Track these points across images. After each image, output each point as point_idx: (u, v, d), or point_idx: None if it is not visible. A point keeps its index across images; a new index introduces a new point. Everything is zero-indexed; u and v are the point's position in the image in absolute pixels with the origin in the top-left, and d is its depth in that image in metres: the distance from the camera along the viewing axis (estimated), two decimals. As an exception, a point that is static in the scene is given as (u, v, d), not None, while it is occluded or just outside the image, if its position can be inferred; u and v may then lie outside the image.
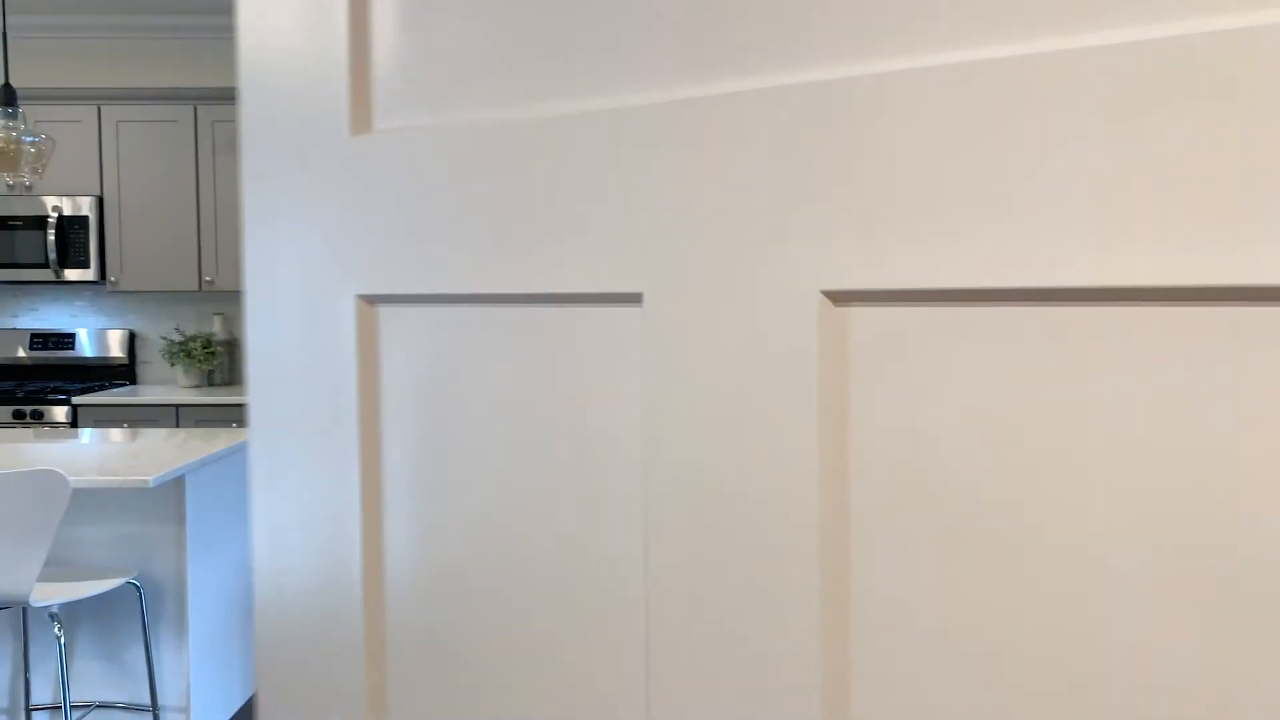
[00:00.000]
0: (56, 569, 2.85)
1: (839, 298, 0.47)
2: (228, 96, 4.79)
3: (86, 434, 3.56)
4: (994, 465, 0.45)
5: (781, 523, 0.49)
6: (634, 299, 0.53)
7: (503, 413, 0.59)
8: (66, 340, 5.12)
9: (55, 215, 4.75)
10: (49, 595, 2.59)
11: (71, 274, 4.79)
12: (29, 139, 2.98)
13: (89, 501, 3.00)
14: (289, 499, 0.65)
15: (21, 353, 5.11)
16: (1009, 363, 0.44)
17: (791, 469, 0.48)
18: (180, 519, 3.01)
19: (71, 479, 2.53)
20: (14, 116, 2.99)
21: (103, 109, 4.82)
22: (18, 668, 3.05)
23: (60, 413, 4.57)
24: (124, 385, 5.05)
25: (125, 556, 3.01)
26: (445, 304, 0.60)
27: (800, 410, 0.48)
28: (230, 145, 4.83)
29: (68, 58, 5.16)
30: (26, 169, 3.01)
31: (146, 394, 4.72)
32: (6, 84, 3.02)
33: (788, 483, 0.48)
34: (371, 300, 0.62)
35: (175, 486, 3.00)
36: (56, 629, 2.58)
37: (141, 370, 5.23)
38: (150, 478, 2.72)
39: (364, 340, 0.63)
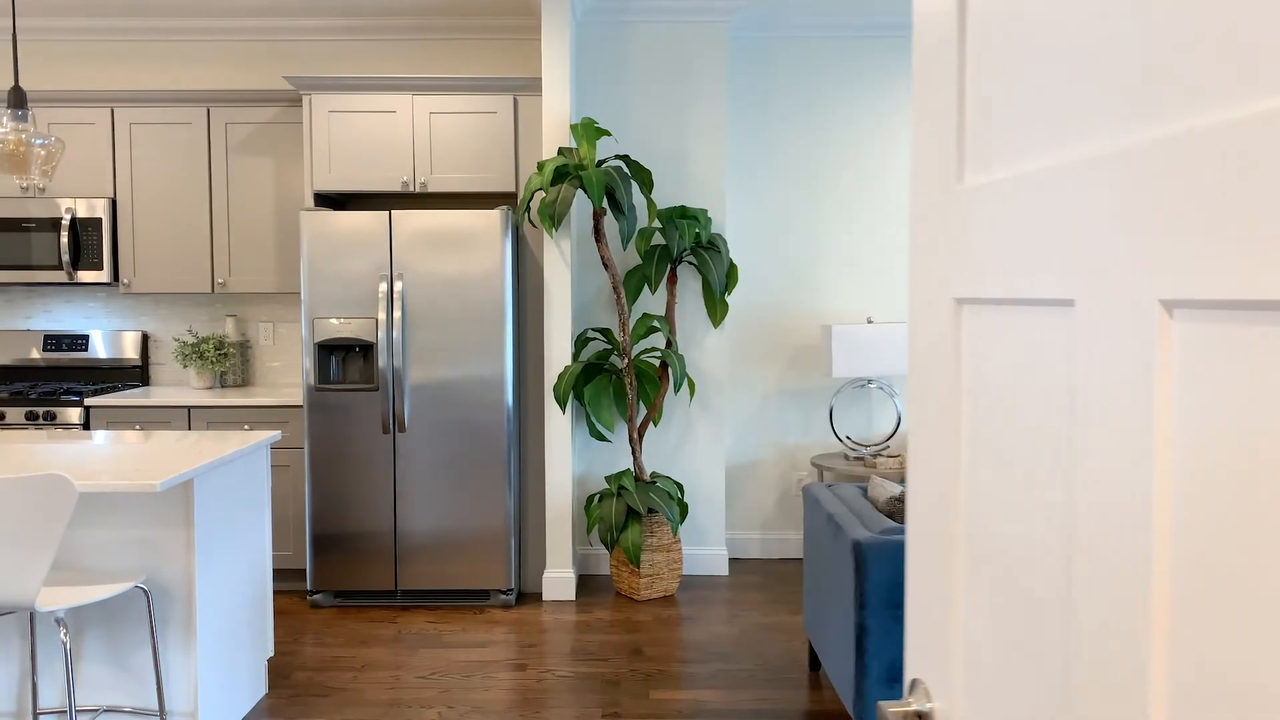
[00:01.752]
0: (63, 572, 2.85)
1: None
2: (240, 99, 4.80)
3: (99, 435, 3.56)
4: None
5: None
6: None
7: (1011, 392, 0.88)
8: (80, 342, 5.14)
9: (69, 217, 4.77)
10: (55, 600, 2.59)
11: (85, 276, 4.81)
12: (38, 141, 2.99)
13: (97, 505, 3.01)
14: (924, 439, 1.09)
15: (35, 354, 5.13)
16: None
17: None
18: (188, 522, 3.00)
19: (78, 484, 2.53)
20: (24, 119, 3.00)
21: (116, 111, 4.83)
22: (25, 671, 3.05)
23: (73, 414, 4.59)
24: (137, 387, 5.07)
25: (133, 560, 3.01)
26: (990, 305, 0.91)
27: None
28: (245, 146, 4.84)
29: (81, 60, 5.18)
30: (36, 171, 3.01)
31: (159, 395, 4.73)
32: (16, 86, 3.03)
33: None
34: (959, 302, 0.98)
35: (183, 490, 2.99)
36: (63, 635, 2.58)
37: (154, 372, 5.25)
38: (157, 482, 2.71)
39: (954, 331, 0.99)
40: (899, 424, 5.24)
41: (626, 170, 4.47)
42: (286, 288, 4.90)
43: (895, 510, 3.25)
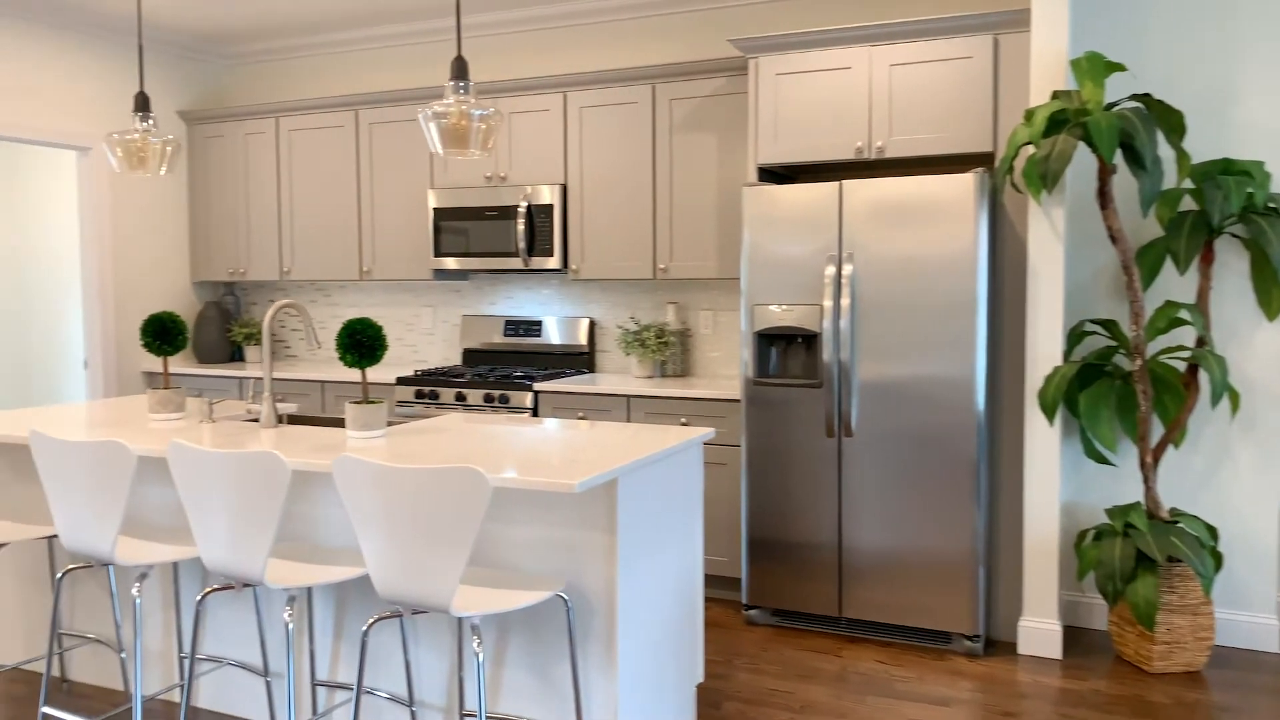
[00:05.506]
0: (482, 570, 2.65)
1: None
2: (684, 72, 4.52)
3: (550, 424, 3.41)
4: None
5: None
6: None
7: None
8: (535, 327, 5.22)
9: (525, 205, 4.82)
10: (471, 605, 2.35)
11: (538, 262, 4.84)
12: (477, 113, 2.84)
13: (519, 500, 2.78)
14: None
15: (497, 338, 5.31)
16: None
17: None
18: (611, 526, 2.66)
19: (491, 478, 2.26)
20: (464, 91, 2.87)
21: (568, 95, 4.79)
22: (454, 667, 2.92)
23: (524, 398, 4.61)
24: (583, 374, 5.03)
25: (554, 563, 2.74)
26: None
27: None
28: (687, 123, 4.56)
29: (531, 51, 5.26)
30: (476, 145, 2.87)
31: (602, 383, 4.61)
32: (459, 57, 2.90)
33: None
34: None
35: (607, 490, 2.66)
36: (475, 644, 2.33)
37: (600, 359, 5.19)
38: (575, 482, 2.38)
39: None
40: None
41: (1147, 112, 3.45)
42: (727, 273, 4.53)
43: None
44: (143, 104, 3.50)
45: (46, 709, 2.94)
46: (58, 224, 6.72)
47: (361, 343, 2.97)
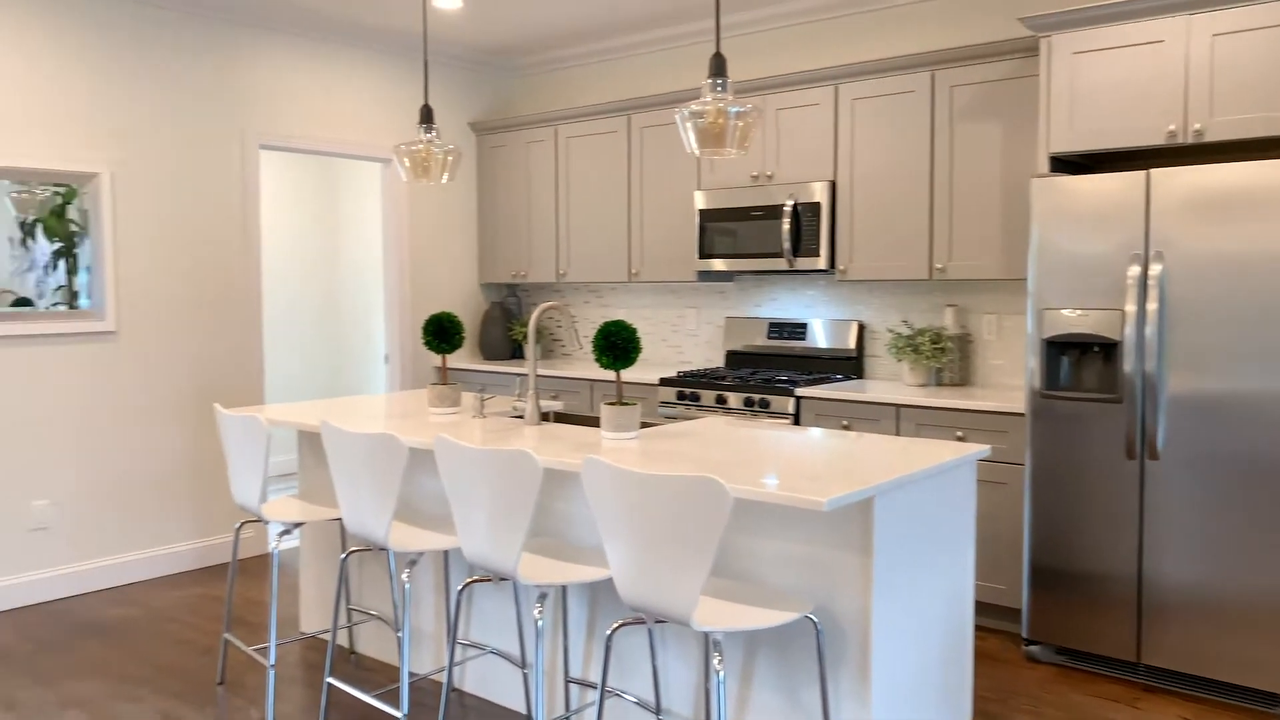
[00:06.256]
0: (725, 581, 2.54)
1: None
2: (967, 56, 4.19)
3: (810, 431, 3.27)
4: None
5: None
6: None
7: None
8: (799, 330, 5.06)
9: (790, 204, 4.67)
10: (713, 620, 2.26)
11: (803, 263, 4.68)
12: (734, 110, 2.74)
13: (764, 513, 2.65)
14: None
15: (760, 341, 5.20)
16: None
17: None
18: (867, 548, 2.48)
19: (731, 489, 2.16)
20: (722, 88, 2.78)
21: (839, 88, 4.59)
22: (701, 679, 2.84)
23: (785, 404, 4.47)
24: (850, 380, 4.80)
25: (803, 582, 2.59)
26: None
27: None
28: (969, 111, 4.22)
29: (799, 44, 5.09)
30: (732, 143, 2.78)
31: (869, 390, 4.37)
32: (717, 54, 2.82)
33: None
34: None
35: (863, 507, 2.48)
36: (716, 661, 2.23)
37: (868, 365, 4.94)
38: (825, 499, 2.22)
39: None
40: None
41: None
42: (1012, 274, 4.15)
43: None
44: (427, 116, 3.71)
45: (331, 679, 3.18)
46: (364, 230, 7.39)
47: (615, 345, 2.97)
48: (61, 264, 4.49)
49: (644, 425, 3.44)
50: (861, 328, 4.91)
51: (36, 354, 4.45)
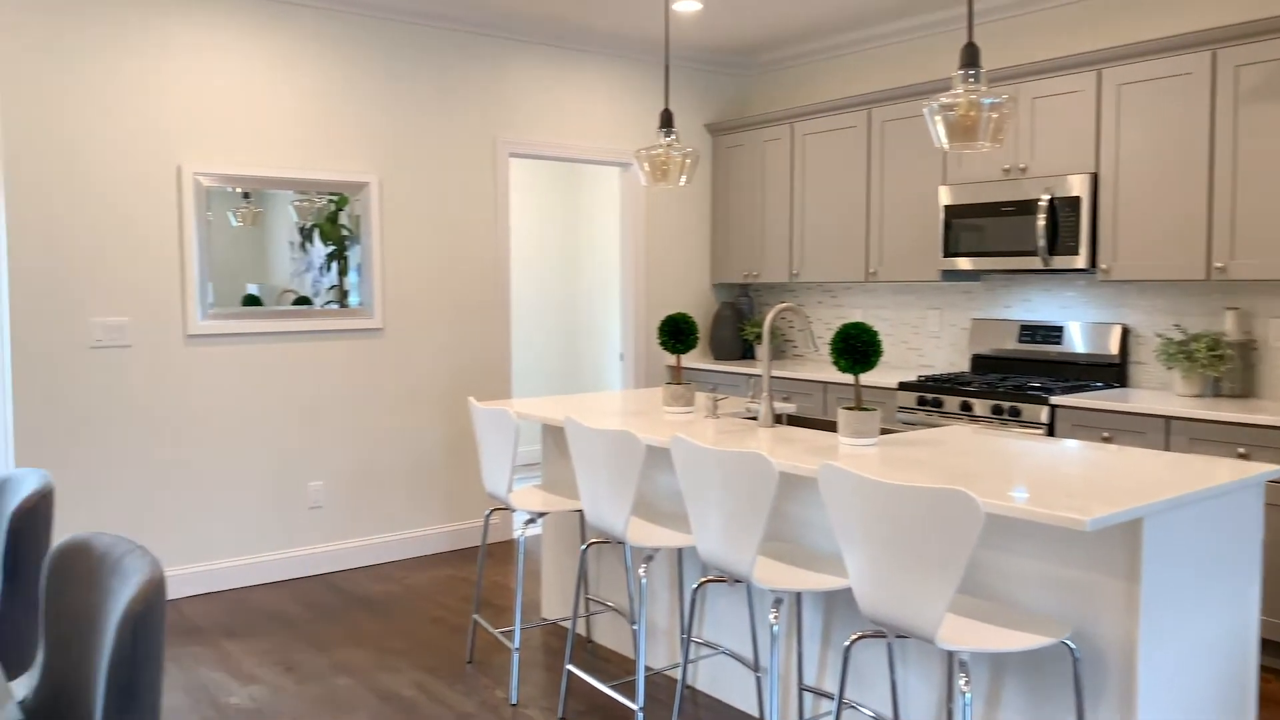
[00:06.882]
0: (972, 600, 2.41)
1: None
2: (1256, 32, 3.76)
3: (1067, 443, 3.06)
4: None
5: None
6: None
7: None
8: (1054, 334, 4.73)
9: (1046, 198, 4.37)
10: (959, 639, 2.15)
11: (1059, 262, 4.37)
12: (987, 101, 2.59)
13: (1017, 530, 2.49)
14: None
15: (1010, 345, 4.91)
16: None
17: None
18: (1133, 573, 2.28)
19: (984, 503, 2.04)
20: (975, 79, 2.63)
21: (1103, 73, 4.25)
22: (943, 698, 2.72)
23: (1038, 413, 4.20)
24: (1112, 388, 4.44)
25: (1058, 604, 2.41)
26: None
27: None
28: (1258, 93, 3.79)
29: (1061, 27, 4.74)
30: (985, 137, 2.63)
31: (1134, 400, 4.03)
32: (970, 43, 2.67)
33: None
34: None
35: (1129, 529, 2.28)
36: (963, 683, 2.12)
37: (1133, 372, 4.55)
38: (1088, 519, 2.06)
39: None
40: None
41: None
42: (1310, 271, 3.70)
43: None
44: (667, 120, 3.77)
45: (570, 666, 3.30)
46: (602, 231, 7.62)
47: (855, 348, 2.89)
48: (334, 266, 4.92)
49: (882, 432, 3.33)
50: (1126, 332, 4.53)
51: (315, 349, 4.90)
